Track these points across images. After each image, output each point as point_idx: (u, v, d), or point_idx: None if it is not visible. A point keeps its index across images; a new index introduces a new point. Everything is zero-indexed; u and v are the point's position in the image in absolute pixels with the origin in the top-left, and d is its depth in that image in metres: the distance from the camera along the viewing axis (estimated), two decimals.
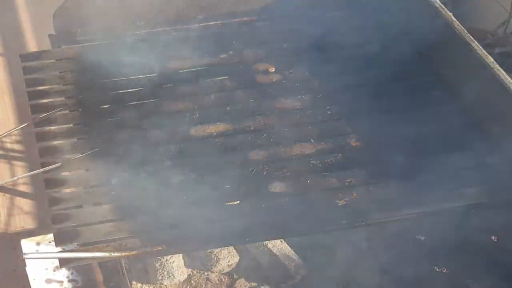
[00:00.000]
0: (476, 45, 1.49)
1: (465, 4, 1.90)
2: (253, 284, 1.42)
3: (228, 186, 1.33)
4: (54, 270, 1.41)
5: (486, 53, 1.47)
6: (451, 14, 1.58)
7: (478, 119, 1.48)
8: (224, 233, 1.25)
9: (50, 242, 1.45)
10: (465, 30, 1.53)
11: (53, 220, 1.26)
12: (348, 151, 1.42)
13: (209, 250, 1.44)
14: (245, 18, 1.73)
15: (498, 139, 1.42)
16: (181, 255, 1.43)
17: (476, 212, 1.35)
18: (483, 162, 1.39)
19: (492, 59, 1.45)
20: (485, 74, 1.44)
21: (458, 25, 1.54)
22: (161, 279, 1.41)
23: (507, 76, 1.42)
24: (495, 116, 1.45)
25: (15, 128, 1.64)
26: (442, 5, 1.61)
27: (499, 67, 1.43)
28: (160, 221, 1.27)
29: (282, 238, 1.45)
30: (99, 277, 1.39)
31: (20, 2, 2.33)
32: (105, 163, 1.37)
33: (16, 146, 1.87)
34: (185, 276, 1.43)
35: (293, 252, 1.45)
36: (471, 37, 1.51)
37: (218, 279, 1.43)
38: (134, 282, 1.41)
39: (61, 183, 1.33)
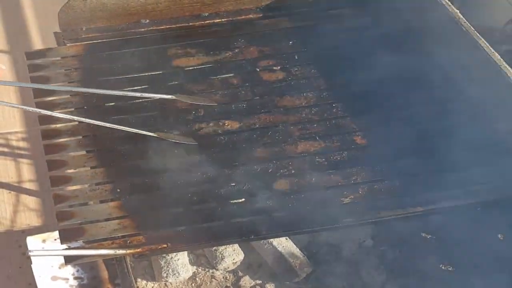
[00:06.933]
0: (483, 42, 1.48)
1: (473, 1, 1.89)
2: (258, 281, 1.42)
3: (233, 184, 1.33)
4: (59, 267, 1.42)
5: (493, 50, 1.46)
6: (457, 11, 1.57)
7: (486, 117, 1.47)
8: (229, 231, 1.25)
9: (55, 239, 1.46)
10: (472, 27, 1.52)
11: (58, 217, 1.26)
12: (354, 148, 1.42)
13: (214, 248, 1.44)
14: (250, 16, 1.73)
15: (506, 136, 1.42)
16: (186, 253, 1.43)
17: (482, 209, 1.34)
18: (490, 160, 1.38)
19: (499, 56, 1.44)
20: (491, 71, 1.43)
21: (465, 22, 1.54)
22: (166, 277, 1.41)
23: None
24: (502, 114, 1.44)
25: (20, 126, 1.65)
26: (449, 2, 1.60)
27: (506, 64, 1.42)
28: (165, 218, 1.27)
29: (287, 236, 1.45)
30: (105, 274, 1.40)
31: (25, 0, 2.34)
32: (109, 160, 1.37)
33: (22, 144, 1.88)
34: (190, 273, 1.43)
35: (298, 250, 1.44)
36: (478, 34, 1.50)
37: (223, 277, 1.43)
38: (139, 280, 1.42)
39: (66, 180, 1.33)
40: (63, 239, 1.23)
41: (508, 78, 1.40)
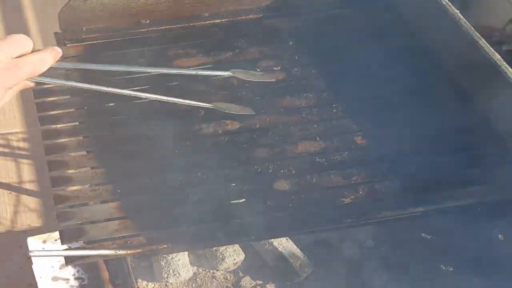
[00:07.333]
0: (483, 42, 1.48)
1: (473, 1, 1.89)
2: (259, 282, 1.42)
3: (233, 184, 1.33)
4: (60, 268, 1.42)
5: (493, 51, 1.46)
6: (457, 11, 1.57)
7: (485, 117, 1.47)
8: (229, 231, 1.25)
9: (56, 240, 1.46)
10: (472, 27, 1.52)
11: (59, 218, 1.26)
12: (354, 149, 1.41)
13: (214, 248, 1.44)
14: (250, 16, 1.73)
15: (505, 137, 1.42)
16: (186, 253, 1.43)
17: (482, 209, 1.34)
18: (490, 160, 1.38)
19: (499, 56, 1.44)
20: (492, 71, 1.43)
21: (465, 22, 1.54)
22: (167, 277, 1.41)
23: None
24: (502, 115, 1.44)
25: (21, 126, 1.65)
26: (449, 2, 1.60)
27: (506, 65, 1.42)
28: (166, 219, 1.27)
29: (288, 236, 1.45)
30: (105, 275, 1.40)
31: (26, 0, 2.34)
32: (110, 161, 1.37)
33: (22, 144, 1.89)
34: (191, 274, 1.44)
35: (299, 250, 1.45)
36: (478, 34, 1.50)
37: (223, 277, 1.43)
38: (139, 280, 1.42)
39: (67, 181, 1.33)
40: (64, 239, 1.23)
41: (508, 78, 1.40)
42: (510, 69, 1.42)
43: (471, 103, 1.51)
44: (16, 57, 1.01)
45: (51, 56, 1.06)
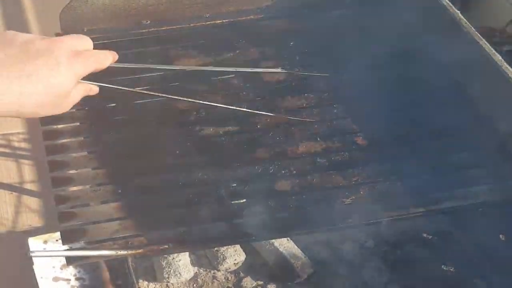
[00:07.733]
0: (484, 43, 1.48)
1: (473, 2, 1.89)
2: (260, 282, 1.42)
3: (234, 185, 1.33)
4: (61, 268, 1.43)
5: (494, 51, 1.46)
6: (458, 11, 1.57)
7: (486, 117, 1.47)
8: (230, 232, 1.25)
9: (57, 240, 1.46)
10: (472, 28, 1.52)
11: (60, 218, 1.26)
12: (355, 149, 1.42)
13: (215, 249, 1.44)
14: (251, 16, 1.73)
15: (506, 137, 1.42)
16: (187, 254, 1.43)
17: (484, 210, 1.34)
18: (491, 161, 1.38)
19: (500, 57, 1.44)
20: (492, 72, 1.43)
21: (465, 22, 1.54)
22: (168, 278, 1.41)
23: None
24: (502, 115, 1.44)
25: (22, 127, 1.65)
26: (450, 3, 1.60)
27: (507, 65, 1.42)
28: (167, 219, 1.27)
29: (288, 237, 1.45)
30: (106, 275, 1.40)
31: (27, 1, 2.34)
32: (111, 161, 1.37)
33: (23, 145, 1.89)
34: (192, 274, 1.44)
35: (300, 251, 1.45)
36: (478, 35, 1.50)
37: (224, 278, 1.43)
38: (140, 280, 1.42)
39: (68, 181, 1.33)
40: (65, 240, 1.23)
41: (509, 79, 1.40)
42: (511, 69, 1.42)
43: (472, 103, 1.51)
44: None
45: (111, 55, 1.05)
